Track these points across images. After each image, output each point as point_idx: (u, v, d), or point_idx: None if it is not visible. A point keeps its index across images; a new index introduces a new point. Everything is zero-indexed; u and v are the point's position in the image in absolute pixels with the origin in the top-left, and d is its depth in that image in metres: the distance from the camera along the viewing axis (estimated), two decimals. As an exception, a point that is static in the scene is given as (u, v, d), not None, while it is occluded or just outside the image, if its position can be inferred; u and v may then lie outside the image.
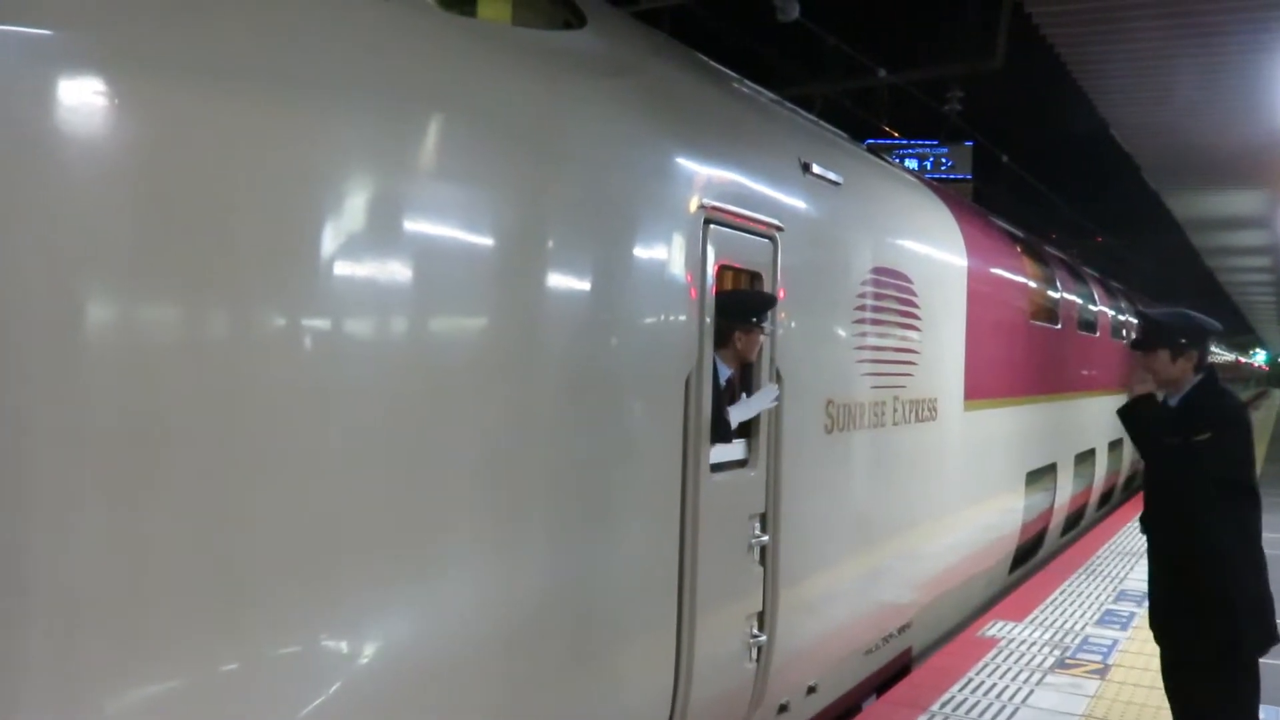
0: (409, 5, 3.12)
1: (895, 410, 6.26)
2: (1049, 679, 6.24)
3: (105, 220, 2.30)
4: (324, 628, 2.71)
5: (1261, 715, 4.11)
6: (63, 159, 2.23)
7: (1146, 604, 4.50)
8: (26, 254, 2.18)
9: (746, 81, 5.66)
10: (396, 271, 2.87)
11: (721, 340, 4.44)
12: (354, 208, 2.79)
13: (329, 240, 2.70)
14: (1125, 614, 7.90)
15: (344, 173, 2.77)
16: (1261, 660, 4.08)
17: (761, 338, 4.61)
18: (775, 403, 4.72)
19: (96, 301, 2.30)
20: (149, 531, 2.37)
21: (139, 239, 2.35)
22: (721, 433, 4.38)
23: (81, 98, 2.25)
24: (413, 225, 2.93)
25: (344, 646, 2.76)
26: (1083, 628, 7.47)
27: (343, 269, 2.72)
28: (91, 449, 2.28)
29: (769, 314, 4.64)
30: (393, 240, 2.87)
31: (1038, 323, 10.10)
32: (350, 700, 2.73)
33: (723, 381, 4.49)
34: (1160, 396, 4.31)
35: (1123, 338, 15.44)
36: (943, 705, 5.75)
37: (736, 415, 4.50)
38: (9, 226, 2.16)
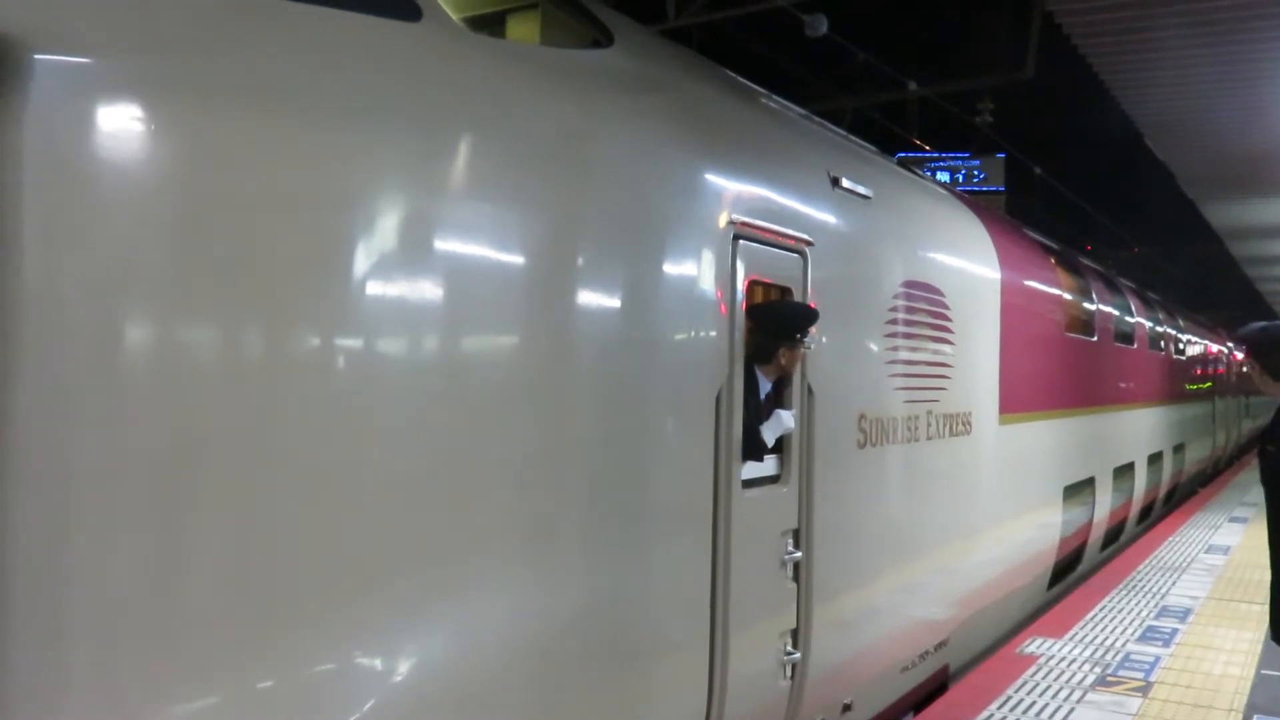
0: (440, 28, 3.15)
1: (929, 424, 6.20)
2: (1090, 697, 6.15)
3: (145, 243, 2.34)
4: (358, 646, 2.72)
5: None
6: (103, 184, 2.27)
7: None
8: (69, 277, 2.23)
9: (775, 97, 5.66)
10: (431, 291, 2.89)
11: (765, 355, 4.44)
12: (389, 228, 2.82)
13: (365, 261, 2.73)
14: (1167, 630, 7.77)
15: (379, 194, 2.80)
16: None
17: (803, 352, 4.60)
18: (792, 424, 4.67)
19: (136, 322, 2.34)
20: (186, 550, 2.40)
21: (178, 261, 2.38)
22: (757, 447, 4.36)
23: (120, 124, 2.29)
24: (447, 245, 2.96)
25: (378, 664, 2.77)
26: (1124, 644, 7.34)
27: (378, 289, 2.75)
28: (130, 468, 2.31)
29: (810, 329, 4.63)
30: (428, 260, 2.90)
31: (1073, 335, 9.98)
32: (384, 719, 2.74)
33: (761, 395, 4.49)
34: None
35: (1160, 349, 15.23)
36: (981, 723, 5.67)
37: (770, 431, 4.50)
38: (51, 250, 2.20)
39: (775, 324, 4.47)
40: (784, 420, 4.53)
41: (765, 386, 4.55)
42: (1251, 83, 8.79)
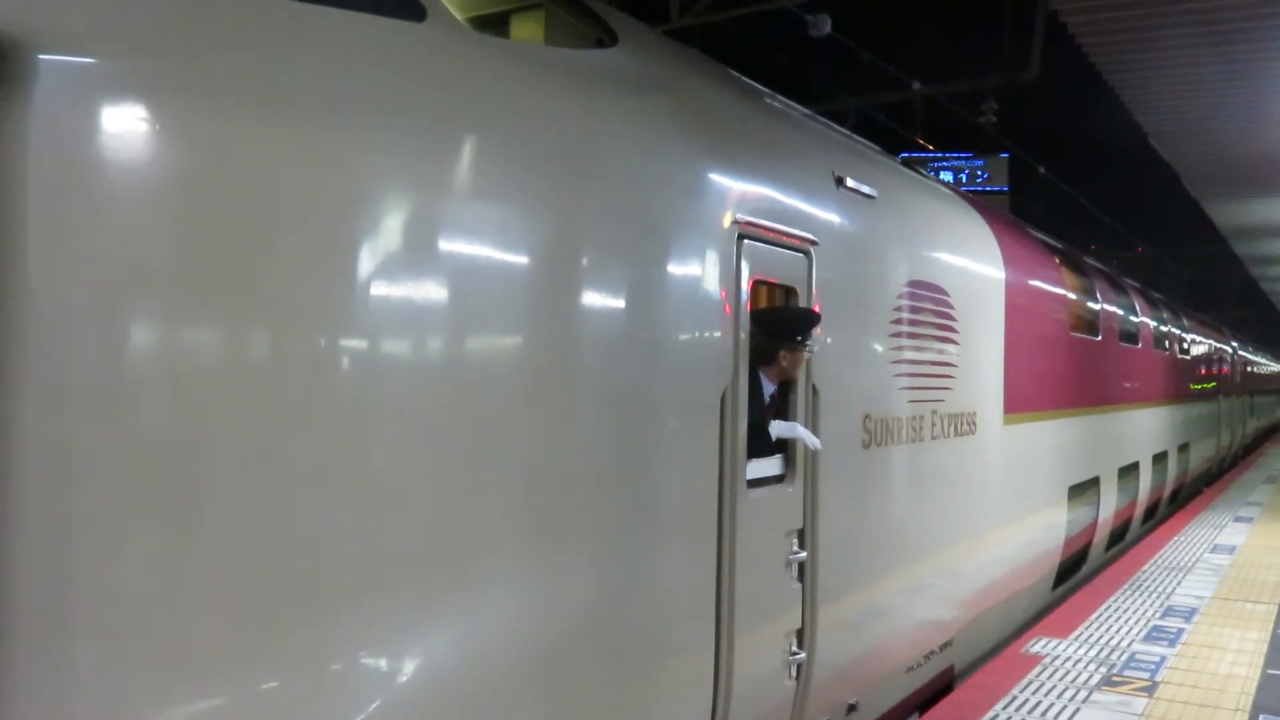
0: (444, 28, 3.15)
1: (933, 424, 6.20)
2: (1095, 697, 6.13)
3: (149, 243, 2.34)
4: (364, 646, 2.72)
5: None
6: (107, 184, 2.27)
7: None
8: (73, 276, 2.23)
9: (779, 97, 5.65)
10: (435, 291, 2.89)
11: (766, 358, 4.45)
12: (394, 229, 2.82)
13: (369, 261, 2.73)
14: (1173, 630, 7.75)
15: (383, 194, 2.80)
16: None
17: (806, 355, 4.61)
18: (814, 444, 4.71)
19: (140, 322, 2.34)
20: (191, 549, 2.40)
21: (182, 261, 2.38)
22: (762, 447, 4.36)
23: (124, 124, 2.29)
24: (451, 245, 2.96)
25: (383, 664, 2.77)
26: (1129, 644, 7.33)
27: (383, 289, 2.75)
28: (135, 466, 2.31)
29: (812, 332, 4.64)
30: (432, 260, 2.90)
31: (1078, 335, 9.97)
32: (389, 719, 2.74)
33: (765, 397, 4.50)
34: None
35: (1165, 349, 15.20)
36: (986, 724, 5.66)
37: (779, 430, 4.51)
38: (55, 249, 2.20)
39: (776, 326, 4.49)
40: (799, 431, 4.56)
41: (769, 388, 4.56)
42: (1256, 83, 8.78)
